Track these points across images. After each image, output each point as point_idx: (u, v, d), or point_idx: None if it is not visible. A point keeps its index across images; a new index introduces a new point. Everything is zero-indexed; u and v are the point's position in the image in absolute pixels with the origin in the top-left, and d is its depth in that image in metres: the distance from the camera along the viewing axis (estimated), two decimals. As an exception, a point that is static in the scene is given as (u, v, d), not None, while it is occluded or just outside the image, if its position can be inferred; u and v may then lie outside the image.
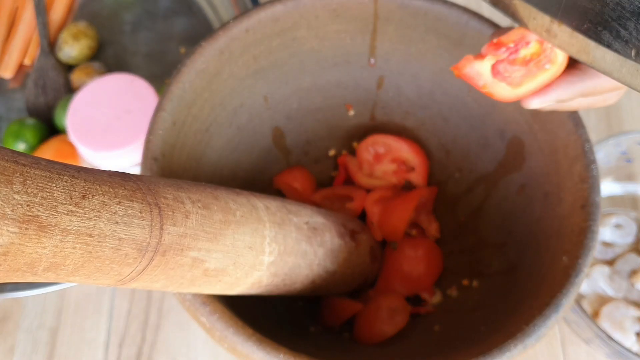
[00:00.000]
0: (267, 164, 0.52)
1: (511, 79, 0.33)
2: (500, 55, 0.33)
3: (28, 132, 0.60)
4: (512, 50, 0.32)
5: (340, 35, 0.48)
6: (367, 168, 0.53)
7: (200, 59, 0.43)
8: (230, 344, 0.34)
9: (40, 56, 0.66)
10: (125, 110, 0.57)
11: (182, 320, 0.55)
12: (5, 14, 0.69)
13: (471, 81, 0.34)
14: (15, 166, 0.21)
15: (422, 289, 0.49)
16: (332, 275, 0.43)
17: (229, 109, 0.47)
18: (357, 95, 0.53)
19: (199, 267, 0.30)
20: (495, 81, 0.33)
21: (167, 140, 0.41)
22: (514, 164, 0.47)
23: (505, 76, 0.33)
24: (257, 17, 0.44)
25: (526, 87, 0.33)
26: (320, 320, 0.49)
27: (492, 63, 0.33)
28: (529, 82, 0.33)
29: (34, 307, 0.56)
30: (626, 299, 0.52)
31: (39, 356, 0.54)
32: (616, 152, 0.54)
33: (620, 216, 0.55)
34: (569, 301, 0.35)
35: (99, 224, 0.23)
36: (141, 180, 0.27)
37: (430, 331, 0.46)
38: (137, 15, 0.71)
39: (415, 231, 0.52)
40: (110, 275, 0.25)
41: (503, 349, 0.34)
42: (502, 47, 0.32)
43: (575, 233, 0.38)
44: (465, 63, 0.33)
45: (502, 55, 0.33)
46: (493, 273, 0.47)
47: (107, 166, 0.58)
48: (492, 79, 0.33)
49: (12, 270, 0.21)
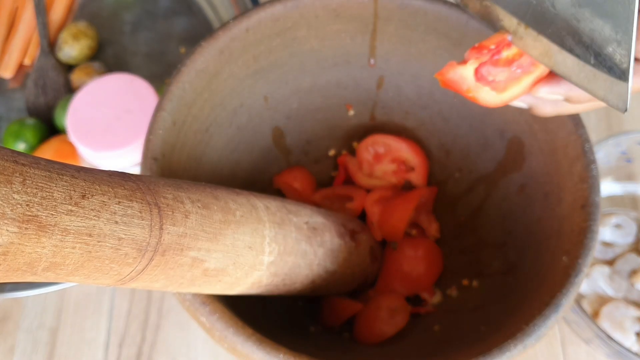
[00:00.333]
0: (267, 164, 0.52)
1: (495, 83, 0.33)
2: (482, 57, 0.32)
3: (28, 132, 0.60)
4: (494, 52, 0.32)
5: (340, 35, 0.48)
6: (367, 168, 0.53)
7: (200, 59, 0.43)
8: (230, 344, 0.34)
9: (40, 56, 0.66)
10: (125, 110, 0.57)
11: (182, 320, 0.55)
12: (5, 14, 0.69)
13: (455, 87, 0.33)
14: (15, 166, 0.21)
15: (422, 289, 0.49)
16: (332, 275, 0.43)
17: (229, 109, 0.47)
18: (357, 95, 0.53)
19: (199, 267, 0.30)
20: (478, 85, 0.33)
21: (167, 140, 0.41)
22: (514, 164, 0.47)
23: (489, 80, 0.33)
24: (257, 17, 0.44)
25: (511, 91, 0.33)
26: (320, 320, 0.49)
27: (475, 67, 0.33)
28: (513, 86, 0.33)
29: (34, 307, 0.56)
30: (626, 299, 0.52)
31: (39, 356, 0.54)
32: (616, 152, 0.54)
33: (620, 216, 0.55)
34: (569, 301, 0.35)
35: (99, 223, 0.23)
36: (141, 180, 0.27)
37: (430, 331, 0.46)
38: (137, 15, 0.71)
39: (415, 231, 0.52)
40: (110, 275, 0.25)
41: (503, 349, 0.34)
42: (484, 50, 0.32)
43: (575, 233, 0.38)
44: (448, 69, 0.33)
45: (484, 57, 0.32)
46: (493, 273, 0.47)
47: (107, 166, 0.58)
48: (475, 83, 0.33)
49: (11, 270, 0.21)
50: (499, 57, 0.32)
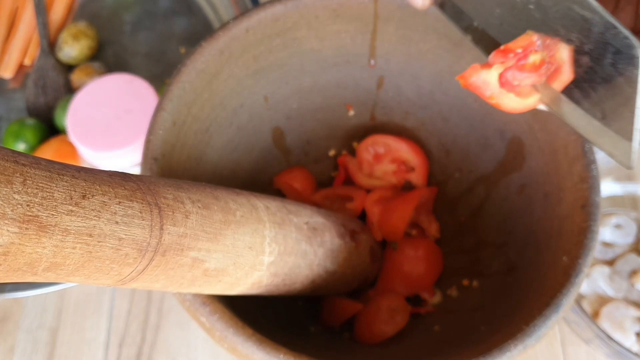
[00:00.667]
0: (267, 164, 0.52)
1: (520, 88, 0.32)
2: (508, 62, 0.31)
3: (28, 132, 0.60)
4: (521, 56, 0.31)
5: (340, 35, 0.48)
6: (367, 168, 0.53)
7: (200, 59, 0.43)
8: (230, 344, 0.34)
9: (40, 56, 0.66)
10: (125, 110, 0.57)
11: (182, 320, 0.55)
12: (5, 14, 0.69)
13: (478, 91, 0.32)
14: (15, 166, 0.21)
15: (422, 289, 0.49)
16: (332, 275, 0.43)
17: (229, 109, 0.47)
18: (357, 95, 0.53)
19: (199, 267, 0.30)
20: (502, 91, 0.31)
21: (167, 140, 0.41)
22: (514, 164, 0.47)
23: (513, 85, 0.31)
24: (257, 17, 0.44)
25: (535, 97, 0.32)
26: (320, 320, 0.49)
27: (499, 72, 0.31)
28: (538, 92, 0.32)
29: (34, 307, 0.56)
30: (626, 299, 0.52)
31: (39, 356, 0.54)
32: (616, 152, 0.54)
33: (620, 216, 0.55)
34: (569, 301, 0.35)
35: (99, 224, 0.23)
36: (141, 180, 0.27)
37: (430, 331, 0.46)
38: (137, 15, 0.71)
39: (415, 231, 0.52)
40: (111, 275, 0.25)
41: (503, 349, 0.34)
42: (509, 54, 0.31)
43: (575, 233, 0.38)
44: (471, 72, 0.31)
45: (510, 62, 0.31)
46: (493, 273, 0.47)
47: (107, 166, 0.58)
48: (499, 89, 0.31)
49: (12, 270, 0.21)
50: (526, 61, 0.31)
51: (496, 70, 0.31)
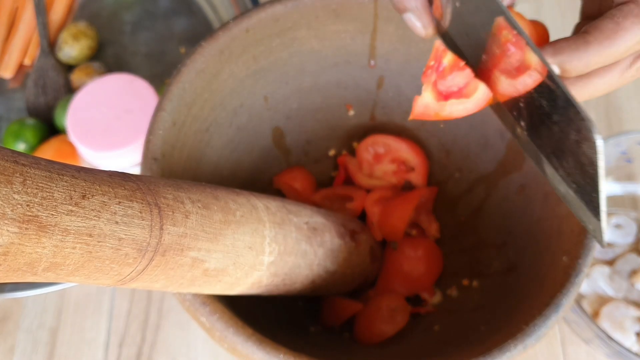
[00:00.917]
0: (267, 164, 0.52)
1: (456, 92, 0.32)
2: (431, 78, 0.32)
3: (28, 132, 0.60)
4: (437, 65, 0.32)
5: (340, 35, 0.48)
6: (367, 168, 0.53)
7: (200, 59, 0.43)
8: (230, 344, 0.34)
9: (40, 56, 0.66)
10: (125, 110, 0.57)
11: (182, 320, 0.55)
12: (5, 14, 0.69)
13: (425, 117, 0.33)
14: (15, 166, 0.21)
15: (422, 289, 0.49)
16: (332, 275, 0.43)
17: (229, 109, 0.47)
18: (357, 95, 0.53)
19: (199, 267, 0.30)
20: (442, 103, 0.32)
21: (167, 140, 0.41)
22: (514, 164, 0.47)
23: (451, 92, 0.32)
24: (257, 17, 0.44)
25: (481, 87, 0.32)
26: (320, 320, 0.49)
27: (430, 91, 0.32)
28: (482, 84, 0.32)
29: (34, 307, 0.56)
30: (626, 299, 0.52)
31: (39, 356, 0.54)
32: (616, 152, 0.54)
33: (620, 216, 0.55)
34: (569, 301, 0.35)
35: (99, 224, 0.23)
36: (141, 180, 0.27)
37: (430, 331, 0.46)
38: (137, 15, 0.71)
39: (415, 231, 0.52)
40: (110, 275, 0.25)
41: (503, 349, 0.34)
42: (428, 70, 0.32)
43: (575, 233, 0.38)
44: (413, 104, 0.32)
45: (433, 76, 0.32)
46: (493, 273, 0.47)
47: (107, 166, 0.58)
48: (437, 104, 0.32)
49: (12, 270, 0.21)
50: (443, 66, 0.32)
51: (427, 90, 0.32)
